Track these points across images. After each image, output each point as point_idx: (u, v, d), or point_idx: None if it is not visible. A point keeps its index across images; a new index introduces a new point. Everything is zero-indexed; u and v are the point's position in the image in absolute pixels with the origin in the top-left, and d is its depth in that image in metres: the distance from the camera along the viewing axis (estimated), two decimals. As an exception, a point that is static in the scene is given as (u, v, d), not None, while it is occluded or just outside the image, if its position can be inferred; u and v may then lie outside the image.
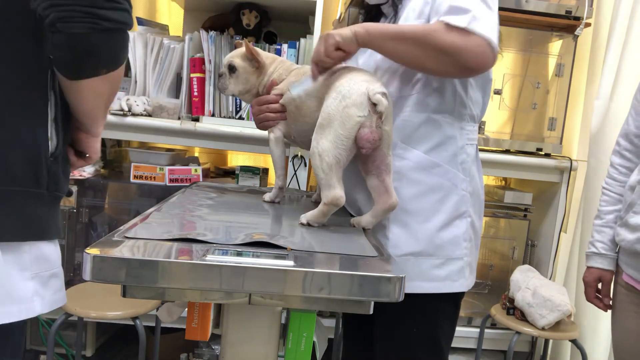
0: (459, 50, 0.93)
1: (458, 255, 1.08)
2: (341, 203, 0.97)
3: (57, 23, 0.67)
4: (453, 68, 0.95)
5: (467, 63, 0.94)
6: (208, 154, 2.74)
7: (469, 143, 1.10)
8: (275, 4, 2.07)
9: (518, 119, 2.18)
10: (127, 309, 1.66)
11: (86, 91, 0.77)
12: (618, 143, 1.37)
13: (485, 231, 2.23)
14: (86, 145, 0.90)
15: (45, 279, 0.80)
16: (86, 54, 0.71)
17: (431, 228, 1.06)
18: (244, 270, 0.71)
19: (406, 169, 1.07)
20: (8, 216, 0.74)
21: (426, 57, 0.96)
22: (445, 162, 1.07)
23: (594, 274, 1.38)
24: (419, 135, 1.07)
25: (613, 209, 1.36)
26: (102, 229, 2.12)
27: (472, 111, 1.10)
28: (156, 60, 2.04)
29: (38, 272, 0.79)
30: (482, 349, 2.11)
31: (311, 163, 1.00)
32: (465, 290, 1.10)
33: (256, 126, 1.21)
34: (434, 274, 1.06)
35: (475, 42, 0.93)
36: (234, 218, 1.01)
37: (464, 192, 1.08)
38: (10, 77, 0.74)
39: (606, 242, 1.36)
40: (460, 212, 1.08)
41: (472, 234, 1.11)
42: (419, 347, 1.09)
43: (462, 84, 1.06)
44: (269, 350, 0.95)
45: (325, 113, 0.98)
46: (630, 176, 1.32)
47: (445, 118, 1.07)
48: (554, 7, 2.03)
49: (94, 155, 0.92)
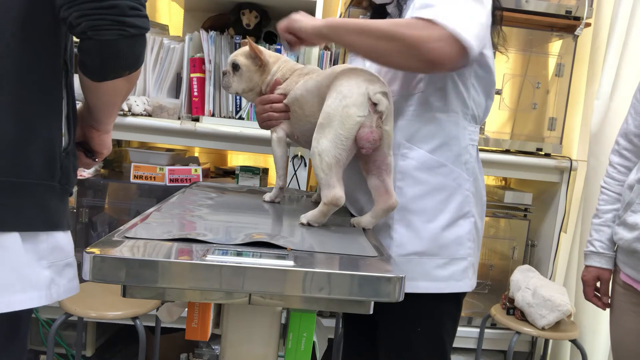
0: (420, 42, 0.90)
1: (462, 255, 1.08)
2: (341, 203, 0.97)
3: (89, 31, 0.73)
4: (417, 62, 0.93)
5: (429, 55, 0.90)
6: (208, 154, 2.74)
7: (472, 144, 1.10)
8: (275, 4, 2.07)
9: (518, 119, 2.18)
10: (127, 309, 1.66)
11: (107, 90, 0.83)
12: (617, 142, 1.37)
13: (485, 231, 2.23)
14: (98, 142, 0.96)
15: (60, 267, 0.84)
16: (113, 58, 0.78)
17: (435, 228, 1.06)
18: (244, 270, 0.71)
19: (411, 168, 1.06)
20: (28, 207, 0.78)
21: (391, 51, 0.94)
22: (449, 162, 1.07)
23: (592, 273, 1.38)
24: (423, 134, 1.07)
25: (611, 207, 1.36)
26: (102, 229, 2.12)
27: (475, 112, 1.10)
28: (156, 60, 2.04)
29: (54, 261, 0.82)
30: (482, 349, 2.11)
31: (311, 163, 1.00)
32: (469, 290, 1.10)
33: (259, 125, 1.21)
34: (438, 273, 1.06)
35: (438, 33, 0.90)
36: (234, 218, 1.01)
37: (468, 192, 1.08)
38: (33, 75, 0.78)
39: (604, 241, 1.36)
40: (464, 212, 1.08)
41: (475, 234, 1.11)
42: (422, 347, 1.09)
43: (464, 84, 1.06)
44: (269, 350, 0.95)
45: (326, 113, 0.98)
46: (629, 175, 1.32)
47: (450, 117, 1.06)
48: (554, 7, 2.03)
49: (106, 150, 0.98)
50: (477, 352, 2.11)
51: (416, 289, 1.04)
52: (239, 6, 2.10)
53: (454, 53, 0.92)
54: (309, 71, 1.14)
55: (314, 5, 1.95)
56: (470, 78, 1.07)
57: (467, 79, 1.06)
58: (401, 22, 0.94)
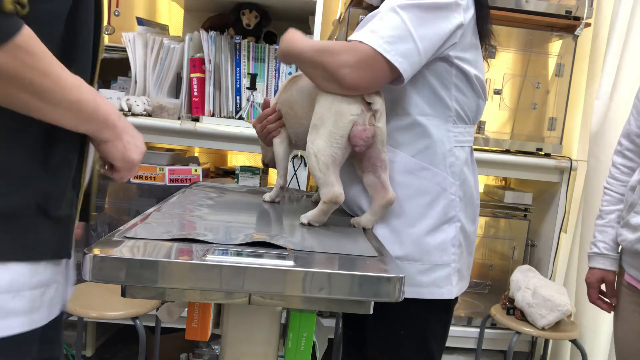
0: (335, 68, 0.94)
1: (445, 262, 1.05)
2: (340, 200, 0.97)
3: None
4: (337, 87, 0.96)
5: (344, 81, 0.94)
6: (208, 154, 2.74)
7: (458, 145, 1.08)
8: (275, 4, 2.07)
9: (518, 119, 2.18)
10: (127, 309, 1.66)
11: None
12: (620, 143, 1.37)
13: (485, 231, 2.24)
14: (103, 153, 0.78)
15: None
16: None
17: (417, 232, 1.04)
18: (244, 270, 0.71)
19: (393, 171, 1.05)
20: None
21: (317, 77, 0.99)
22: (433, 165, 1.05)
23: (596, 275, 1.36)
24: (405, 138, 1.06)
25: (615, 208, 1.35)
26: (102, 229, 2.12)
27: (461, 113, 1.07)
28: (156, 60, 2.04)
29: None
30: (482, 349, 2.11)
31: (308, 164, 1.00)
32: (451, 298, 1.07)
33: (264, 142, 1.23)
34: (419, 279, 1.04)
35: (355, 58, 0.94)
36: (234, 218, 1.01)
37: (454, 196, 1.06)
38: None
39: (608, 242, 1.34)
40: (449, 216, 1.06)
41: (463, 239, 1.08)
42: (408, 350, 1.07)
43: (443, 86, 1.04)
44: (269, 350, 0.95)
45: (319, 113, 0.98)
46: (632, 176, 1.31)
47: (430, 120, 1.05)
48: (554, 7, 2.03)
49: (117, 163, 0.78)
50: (477, 352, 2.11)
51: None
52: (239, 6, 2.10)
53: (372, 75, 0.94)
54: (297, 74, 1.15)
55: (314, 6, 1.95)
56: (450, 79, 1.04)
57: (447, 80, 1.04)
58: (327, 48, 0.96)
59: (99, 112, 0.71)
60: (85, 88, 0.68)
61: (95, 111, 0.70)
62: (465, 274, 1.12)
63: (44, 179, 0.69)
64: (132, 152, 0.78)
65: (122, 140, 0.76)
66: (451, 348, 2.27)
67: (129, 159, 0.78)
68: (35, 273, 0.70)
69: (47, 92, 0.63)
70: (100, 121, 0.72)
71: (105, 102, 0.73)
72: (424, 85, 1.04)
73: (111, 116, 0.73)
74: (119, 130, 0.75)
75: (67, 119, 0.68)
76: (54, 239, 0.73)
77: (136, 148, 0.79)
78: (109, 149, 0.76)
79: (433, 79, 1.04)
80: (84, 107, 0.68)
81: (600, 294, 1.39)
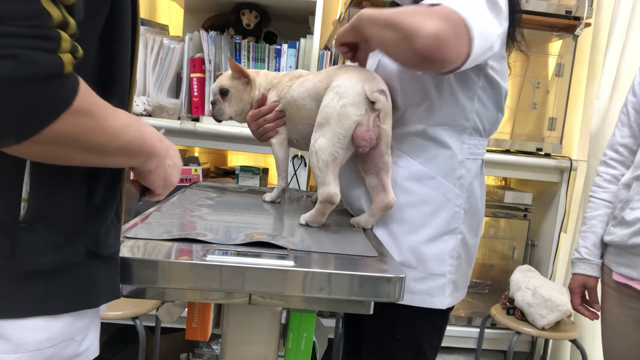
0: (416, 28, 0.81)
1: (441, 272, 1.04)
2: (336, 200, 0.96)
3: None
4: (410, 54, 0.84)
5: (422, 43, 0.80)
6: (208, 154, 2.74)
7: (471, 158, 1.05)
8: (275, 4, 2.07)
9: (518, 119, 2.18)
10: (127, 309, 1.66)
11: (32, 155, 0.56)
12: (605, 154, 1.38)
13: (485, 231, 2.24)
14: (146, 182, 0.75)
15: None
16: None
17: (416, 240, 1.03)
18: (244, 270, 0.71)
19: (399, 177, 1.04)
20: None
21: (390, 41, 0.86)
22: (440, 175, 1.03)
23: (577, 281, 1.35)
24: (416, 146, 1.04)
25: (597, 214, 1.35)
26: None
27: (478, 125, 1.04)
28: (156, 60, 2.05)
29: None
30: (482, 349, 2.11)
31: (309, 161, 1.00)
32: (442, 308, 1.05)
33: (258, 140, 1.21)
34: (413, 286, 1.03)
35: (439, 19, 0.81)
36: (234, 218, 1.01)
37: (458, 208, 1.04)
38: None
39: (589, 247, 1.33)
40: (451, 228, 1.04)
41: (462, 251, 1.06)
42: (401, 354, 1.06)
43: (467, 97, 1.01)
44: (269, 350, 0.95)
45: (324, 112, 0.98)
46: (614, 183, 1.33)
47: (445, 130, 1.02)
48: (554, 7, 2.03)
49: (158, 189, 0.75)
50: (477, 352, 2.11)
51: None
52: (239, 6, 2.10)
53: (452, 43, 0.83)
54: (300, 74, 1.14)
55: (314, 6, 1.95)
56: (475, 90, 1.01)
57: (472, 91, 1.01)
58: (407, 9, 0.85)
59: (145, 146, 0.67)
60: (133, 126, 0.63)
61: (141, 147, 0.66)
62: (461, 285, 1.10)
63: (90, 220, 0.65)
64: (173, 175, 0.75)
65: (164, 166, 0.73)
66: (451, 348, 2.27)
67: (170, 183, 0.75)
68: (96, 314, 0.68)
69: (103, 147, 0.59)
70: (147, 154, 0.68)
71: (149, 131, 0.68)
72: (447, 92, 1.00)
73: (156, 147, 0.69)
74: (162, 157, 0.71)
75: (116, 162, 0.65)
76: (107, 277, 0.68)
77: (176, 169, 0.76)
78: (152, 178, 0.73)
79: (458, 88, 1.00)
80: (133, 146, 0.64)
81: (585, 303, 1.37)
